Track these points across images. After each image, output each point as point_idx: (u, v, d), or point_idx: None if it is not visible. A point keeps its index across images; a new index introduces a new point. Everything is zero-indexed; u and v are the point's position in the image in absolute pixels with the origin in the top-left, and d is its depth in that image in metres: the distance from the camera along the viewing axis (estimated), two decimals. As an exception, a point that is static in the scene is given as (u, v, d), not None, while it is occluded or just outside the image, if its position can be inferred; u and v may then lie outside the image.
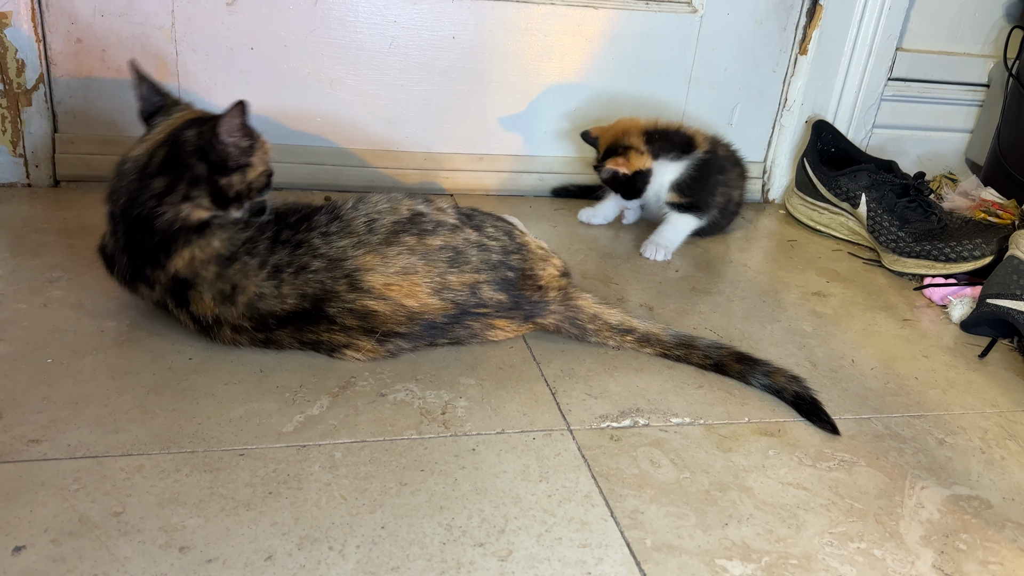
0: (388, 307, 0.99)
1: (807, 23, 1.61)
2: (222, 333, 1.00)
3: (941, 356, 1.20)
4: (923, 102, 1.75)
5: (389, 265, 0.99)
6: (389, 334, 1.00)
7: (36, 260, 1.17)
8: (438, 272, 1.00)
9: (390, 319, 0.99)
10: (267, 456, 0.85)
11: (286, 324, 0.99)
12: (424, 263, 1.00)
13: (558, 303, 1.08)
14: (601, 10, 1.51)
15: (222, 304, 0.98)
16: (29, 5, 1.30)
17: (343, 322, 0.99)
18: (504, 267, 1.04)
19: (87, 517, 0.75)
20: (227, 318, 0.98)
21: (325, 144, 1.50)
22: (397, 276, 0.98)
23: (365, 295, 0.98)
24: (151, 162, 0.99)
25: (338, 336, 1.00)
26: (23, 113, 1.36)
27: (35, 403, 0.89)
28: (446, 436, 0.91)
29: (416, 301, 0.99)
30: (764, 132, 1.71)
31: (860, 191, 1.51)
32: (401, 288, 0.99)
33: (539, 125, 1.58)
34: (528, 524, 0.80)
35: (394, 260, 0.99)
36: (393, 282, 0.98)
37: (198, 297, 0.98)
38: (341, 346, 1.01)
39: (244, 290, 0.97)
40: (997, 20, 1.73)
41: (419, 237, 1.01)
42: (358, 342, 1.00)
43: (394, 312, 0.99)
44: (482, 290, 1.03)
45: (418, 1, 1.44)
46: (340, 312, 0.98)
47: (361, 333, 1.00)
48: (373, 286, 0.98)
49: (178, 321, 1.01)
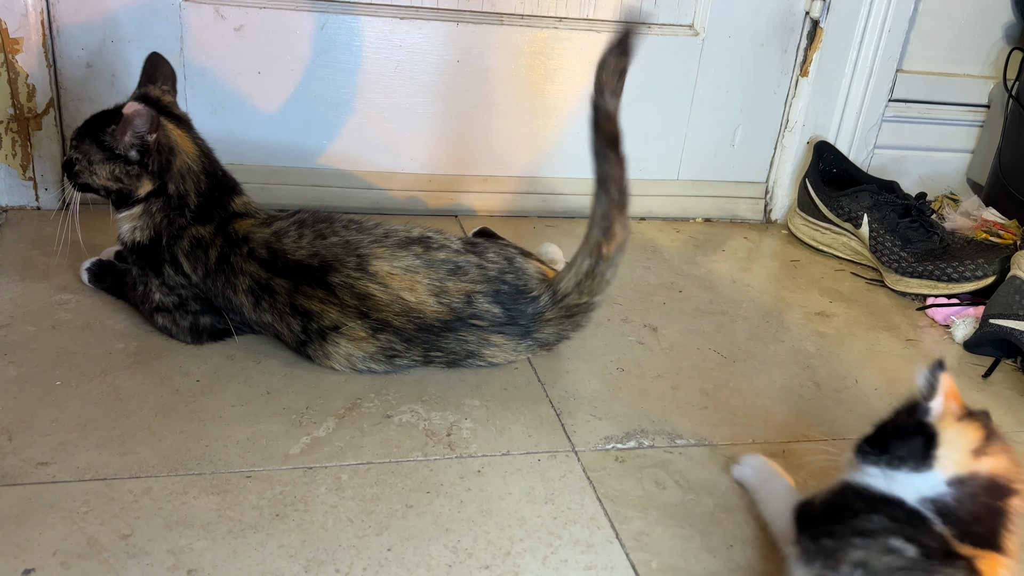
0: (387, 295, 1.01)
1: (808, 45, 1.63)
2: (238, 256, 1.04)
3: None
4: (924, 123, 1.76)
5: (396, 260, 1.03)
6: (383, 324, 1.01)
7: (45, 283, 1.18)
8: (438, 277, 1.03)
9: (386, 308, 1.01)
10: (274, 478, 0.86)
11: (289, 274, 1.02)
12: (426, 268, 1.03)
13: (550, 304, 1.05)
14: (604, 34, 1.53)
15: (261, 223, 1.07)
16: (40, 31, 1.32)
17: (341, 297, 1.01)
18: (499, 281, 1.05)
19: (96, 540, 0.76)
20: (254, 235, 1.05)
21: (331, 167, 1.52)
22: (400, 270, 1.02)
23: (368, 278, 1.01)
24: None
25: (332, 311, 1.01)
26: (33, 137, 1.37)
27: (44, 425, 0.90)
28: (452, 458, 0.92)
29: (414, 296, 1.02)
30: (766, 153, 1.72)
31: (862, 211, 1.52)
32: (402, 281, 1.02)
33: (543, 147, 1.59)
34: (534, 546, 0.80)
35: (401, 259, 1.03)
36: (396, 273, 1.02)
37: (237, 225, 1.07)
38: (332, 326, 1.02)
39: (276, 222, 1.07)
40: (997, 41, 1.74)
41: (425, 249, 1.05)
42: (350, 324, 1.01)
43: (392, 301, 1.01)
44: (477, 301, 1.03)
45: (423, 26, 1.46)
46: (342, 285, 1.01)
47: (356, 315, 1.01)
48: (378, 271, 1.02)
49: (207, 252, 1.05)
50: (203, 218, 1.07)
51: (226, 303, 1.06)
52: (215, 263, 1.05)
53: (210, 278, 1.05)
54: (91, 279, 1.17)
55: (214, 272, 1.05)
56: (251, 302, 1.04)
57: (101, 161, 1.04)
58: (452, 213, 1.59)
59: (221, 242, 1.06)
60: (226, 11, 1.38)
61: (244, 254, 1.04)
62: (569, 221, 1.62)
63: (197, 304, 1.07)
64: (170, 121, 1.08)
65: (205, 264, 1.05)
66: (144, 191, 1.05)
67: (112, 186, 1.05)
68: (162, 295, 1.08)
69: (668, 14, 1.56)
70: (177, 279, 1.07)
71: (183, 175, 1.07)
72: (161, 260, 1.07)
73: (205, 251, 1.05)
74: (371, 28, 1.44)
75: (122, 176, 1.04)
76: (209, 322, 1.08)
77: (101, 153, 1.04)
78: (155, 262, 1.07)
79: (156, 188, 1.05)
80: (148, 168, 1.04)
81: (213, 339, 1.09)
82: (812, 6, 1.59)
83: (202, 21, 1.37)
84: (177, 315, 1.08)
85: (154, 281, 1.08)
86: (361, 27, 1.44)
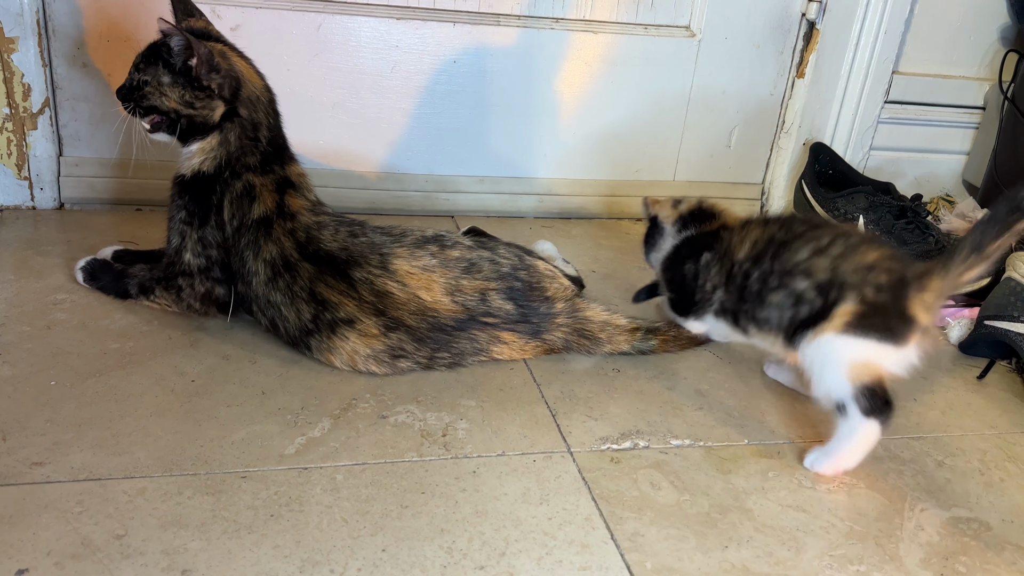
0: (404, 294, 1.04)
1: (804, 47, 1.63)
2: (279, 228, 1.06)
3: (940, 377, 1.21)
4: (920, 124, 1.76)
5: (414, 260, 1.06)
6: (398, 322, 1.03)
7: (40, 282, 1.18)
8: (453, 276, 1.06)
9: (403, 306, 1.03)
10: (269, 478, 0.85)
11: (316, 261, 1.05)
12: (442, 267, 1.06)
13: (566, 315, 1.11)
14: (600, 35, 1.53)
15: (310, 209, 1.09)
16: (36, 31, 1.31)
17: (360, 292, 1.03)
18: (512, 278, 1.09)
19: (90, 540, 0.75)
20: (301, 216, 1.08)
21: (327, 167, 1.51)
22: (419, 269, 1.05)
23: (389, 276, 1.04)
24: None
25: (349, 304, 1.03)
26: (28, 136, 1.37)
27: (39, 425, 0.90)
28: (447, 458, 0.92)
29: (430, 296, 1.04)
30: (762, 154, 1.72)
31: (858, 212, 1.52)
32: (420, 279, 1.04)
33: (539, 148, 1.59)
34: (529, 547, 0.80)
35: (419, 259, 1.06)
36: (415, 272, 1.05)
37: (294, 196, 1.09)
38: (347, 320, 1.02)
39: (323, 211, 1.11)
40: (992, 44, 1.75)
41: (440, 248, 1.08)
42: (365, 320, 1.03)
43: (408, 300, 1.03)
44: (491, 298, 1.07)
45: (420, 26, 1.46)
46: (363, 280, 1.03)
47: (372, 311, 1.03)
48: (398, 269, 1.04)
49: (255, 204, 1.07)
50: (264, 167, 1.09)
51: (240, 265, 1.07)
52: (255, 220, 1.06)
53: (240, 233, 1.07)
54: (86, 278, 1.17)
55: (249, 229, 1.06)
56: (267, 275, 1.05)
57: (171, 84, 1.05)
58: (448, 213, 1.59)
59: (271, 204, 1.07)
60: (223, 11, 1.37)
61: (287, 229, 1.06)
62: (564, 222, 1.62)
63: (220, 272, 1.09)
64: (232, 52, 1.11)
65: (243, 217, 1.07)
66: (218, 115, 1.06)
67: (183, 110, 1.05)
68: (193, 255, 1.09)
69: (665, 15, 1.56)
70: (216, 234, 1.08)
71: (253, 103, 1.09)
72: (211, 203, 1.07)
73: (251, 203, 1.07)
74: (368, 28, 1.44)
75: (193, 100, 1.05)
76: (223, 293, 1.11)
77: (170, 76, 1.05)
78: (206, 204, 1.08)
79: (227, 112, 1.07)
80: (219, 92, 1.05)
81: (220, 311, 1.12)
82: (808, 8, 1.60)
83: (198, 21, 1.37)
84: (198, 280, 1.10)
85: (194, 234, 1.09)
86: (358, 27, 1.44)
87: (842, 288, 0.91)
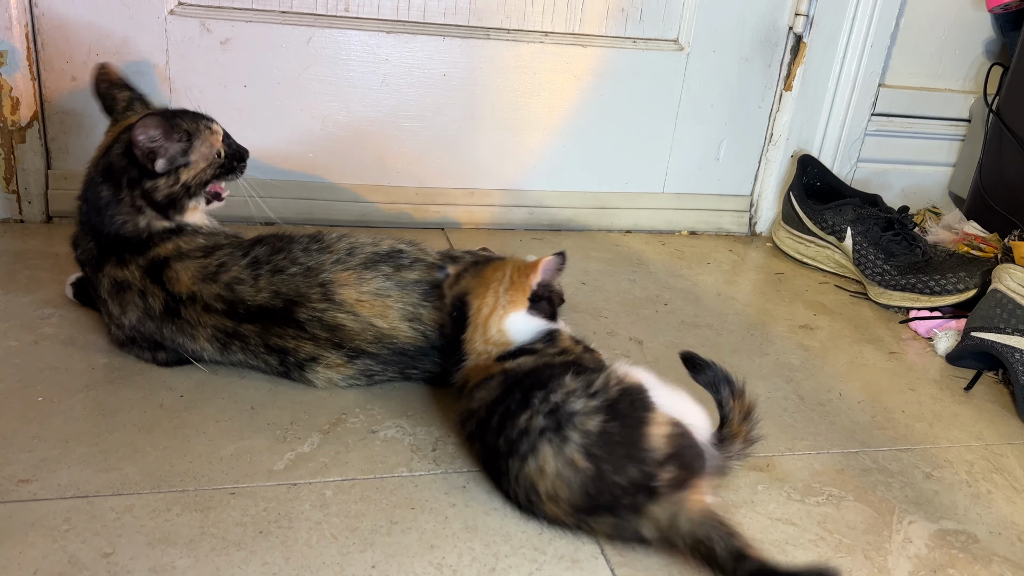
0: (358, 324, 0.99)
1: (791, 60, 1.64)
2: (190, 311, 0.99)
3: (927, 389, 1.21)
4: (906, 137, 1.78)
5: (363, 285, 1.00)
6: (358, 351, 1.00)
7: (28, 296, 1.18)
8: (411, 302, 1.01)
9: (359, 336, 0.99)
10: (258, 495, 0.85)
11: (255, 319, 0.99)
12: (399, 290, 1.01)
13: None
14: (589, 48, 1.54)
15: (203, 281, 0.99)
16: (25, 44, 1.31)
17: (312, 331, 0.99)
18: None
19: (77, 558, 0.75)
20: (203, 295, 0.99)
21: (317, 180, 1.52)
22: (370, 296, 0.99)
23: (336, 307, 0.98)
24: (96, 170, 1.03)
25: (306, 345, 1.00)
26: (17, 150, 1.37)
27: (25, 442, 0.89)
28: (437, 473, 0.92)
29: (387, 323, 1.00)
30: (751, 166, 1.73)
31: (845, 224, 1.53)
32: (373, 307, 0.99)
33: (528, 160, 1.60)
34: (519, 562, 0.80)
35: (369, 282, 1.00)
36: (365, 300, 0.99)
37: (175, 276, 1.00)
38: (309, 359, 1.00)
39: (228, 269, 1.00)
40: (977, 57, 1.76)
41: (395, 268, 1.02)
42: (327, 354, 1.00)
43: (363, 329, 0.99)
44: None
45: (409, 40, 1.46)
46: (310, 320, 0.98)
47: (330, 346, 1.00)
48: (345, 300, 0.99)
49: (142, 298, 1.00)
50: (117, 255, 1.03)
51: (185, 349, 1.02)
52: (160, 313, 1.00)
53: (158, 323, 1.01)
54: (75, 293, 1.16)
55: (162, 320, 1.01)
56: (218, 347, 1.01)
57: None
58: (439, 226, 1.59)
59: (161, 297, 1.00)
60: (212, 25, 1.38)
61: (198, 311, 0.99)
62: (555, 234, 1.63)
63: (156, 342, 1.03)
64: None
65: (146, 309, 1.01)
66: None
67: None
68: (121, 331, 1.04)
69: (653, 29, 1.57)
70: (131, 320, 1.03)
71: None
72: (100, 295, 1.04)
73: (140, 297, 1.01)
74: (357, 42, 1.45)
75: None
76: (169, 357, 1.04)
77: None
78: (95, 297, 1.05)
79: None
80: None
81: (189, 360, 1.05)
82: (796, 21, 1.61)
83: (188, 35, 1.37)
84: (138, 348, 1.04)
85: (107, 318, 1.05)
86: (348, 41, 1.44)
87: None
